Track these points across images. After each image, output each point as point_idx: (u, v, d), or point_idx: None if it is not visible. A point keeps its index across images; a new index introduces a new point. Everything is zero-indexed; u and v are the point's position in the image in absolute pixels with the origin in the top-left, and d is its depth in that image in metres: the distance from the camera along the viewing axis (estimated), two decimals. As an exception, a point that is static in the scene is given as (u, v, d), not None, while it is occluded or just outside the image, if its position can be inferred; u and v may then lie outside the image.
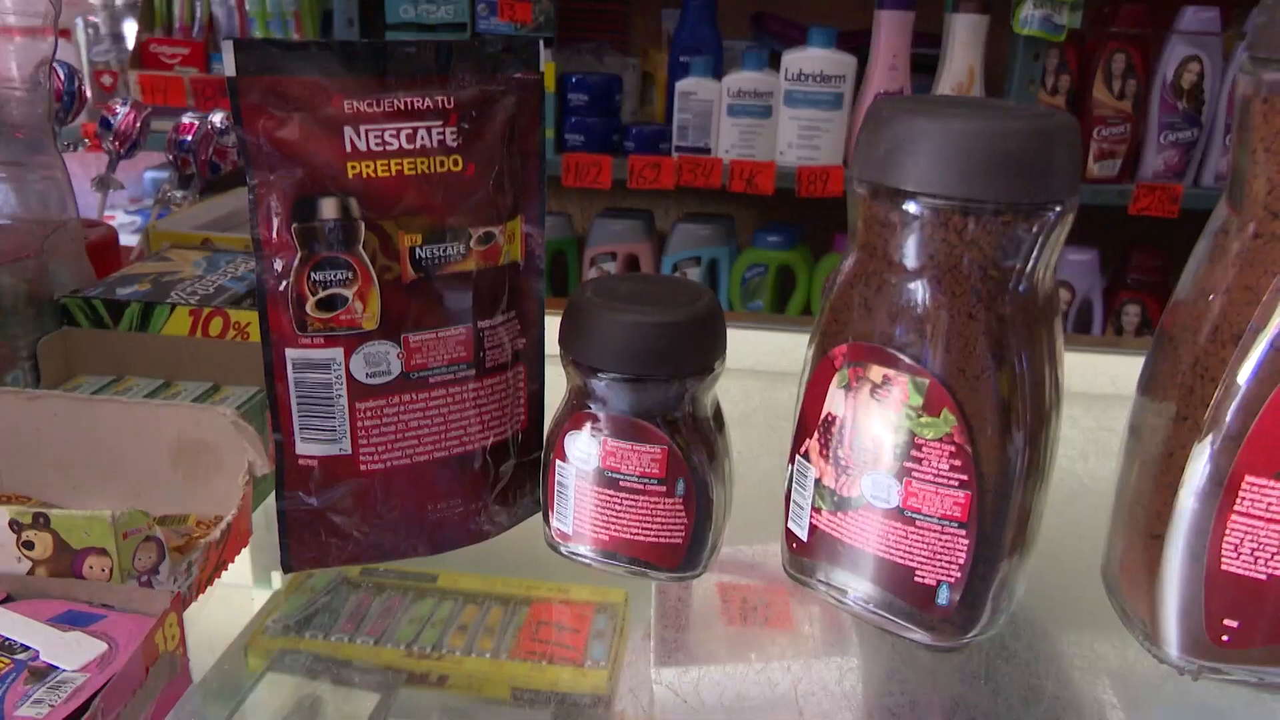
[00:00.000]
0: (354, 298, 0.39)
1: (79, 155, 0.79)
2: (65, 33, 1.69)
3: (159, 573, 0.37)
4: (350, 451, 0.40)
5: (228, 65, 0.36)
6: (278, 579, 0.44)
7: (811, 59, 1.52)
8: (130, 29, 1.65)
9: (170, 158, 0.74)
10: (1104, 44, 1.52)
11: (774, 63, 1.56)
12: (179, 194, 0.73)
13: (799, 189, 1.53)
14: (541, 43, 0.41)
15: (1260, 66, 0.34)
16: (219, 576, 0.42)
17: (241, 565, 0.44)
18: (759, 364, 0.73)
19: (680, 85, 1.55)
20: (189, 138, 0.73)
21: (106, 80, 1.64)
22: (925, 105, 0.35)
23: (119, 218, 1.67)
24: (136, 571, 0.37)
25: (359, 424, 0.40)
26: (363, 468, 0.41)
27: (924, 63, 1.56)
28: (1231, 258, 0.35)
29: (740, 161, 1.55)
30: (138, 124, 0.74)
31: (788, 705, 0.37)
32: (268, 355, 0.39)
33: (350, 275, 0.39)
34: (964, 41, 1.49)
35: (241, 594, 0.44)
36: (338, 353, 0.39)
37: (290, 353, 0.39)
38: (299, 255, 0.38)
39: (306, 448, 0.40)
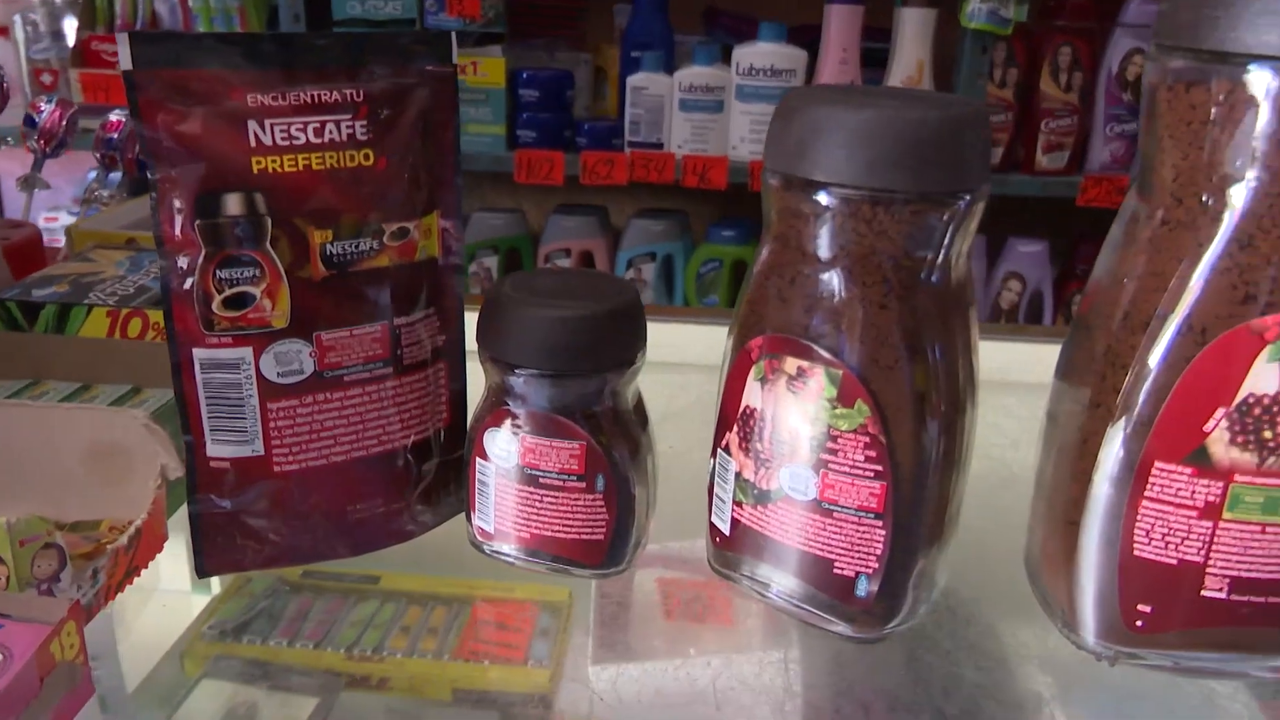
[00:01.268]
0: (262, 295, 0.38)
1: (18, 154, 0.77)
2: (3, 30, 1.65)
3: (60, 580, 0.36)
4: (263, 452, 0.40)
5: (123, 59, 0.35)
6: (217, 584, 0.43)
7: (762, 53, 1.52)
8: (71, 26, 1.62)
9: (97, 156, 0.72)
10: (1050, 37, 1.53)
11: (726, 57, 1.56)
12: (105, 193, 0.72)
13: (752, 184, 1.54)
14: (454, 35, 0.40)
15: (1164, 54, 0.34)
16: (130, 583, 0.41)
17: (179, 570, 0.43)
18: (701, 358, 0.73)
19: (632, 80, 1.55)
20: (116, 135, 0.71)
21: (46, 79, 1.61)
22: (834, 96, 0.35)
23: (61, 219, 1.64)
24: (36, 579, 0.36)
25: (271, 424, 0.39)
26: (277, 469, 0.40)
27: (875, 56, 1.57)
28: (1141, 245, 0.35)
29: (693, 156, 1.55)
30: (64, 122, 0.72)
31: (705, 700, 0.36)
32: (174, 355, 0.38)
33: (257, 272, 0.38)
34: (913, 35, 1.50)
35: (179, 600, 0.43)
36: (247, 352, 0.38)
37: (197, 352, 0.38)
38: (203, 253, 0.37)
39: (218, 449, 0.39)
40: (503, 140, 1.59)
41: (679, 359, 0.61)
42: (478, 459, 0.41)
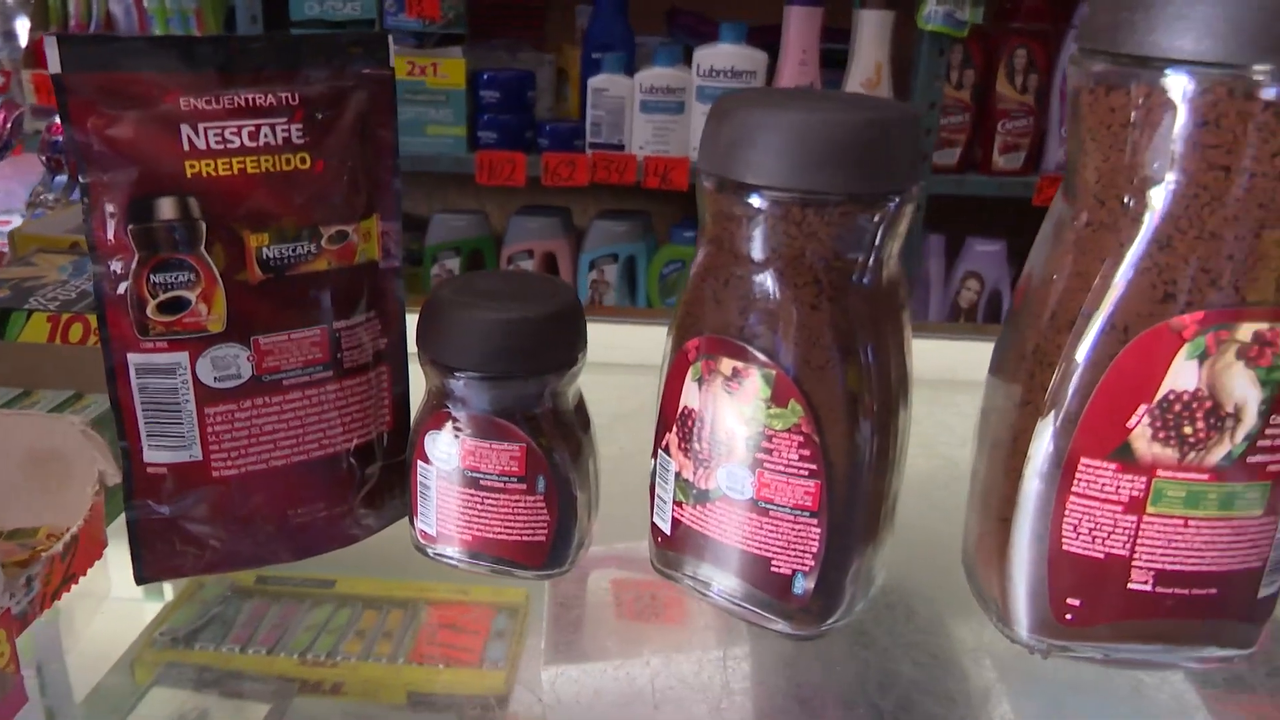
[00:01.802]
0: (197, 300, 0.38)
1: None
2: (-46, 31, 1.63)
3: (-8, 588, 0.36)
4: (201, 458, 0.39)
5: (51, 62, 0.35)
6: (169, 591, 0.43)
7: (723, 55, 1.53)
8: (23, 27, 1.59)
9: (43, 159, 0.71)
10: (1006, 40, 1.55)
11: (687, 59, 1.56)
12: (51, 196, 0.71)
13: (713, 184, 1.54)
14: (391, 38, 0.40)
15: (1087, 58, 0.34)
16: (68, 590, 0.40)
17: (130, 578, 0.42)
18: (652, 359, 0.73)
19: (593, 82, 1.55)
20: (61, 138, 0.70)
21: (-1, 80, 1.58)
22: (764, 99, 0.35)
23: (14, 221, 1.62)
24: (-33, 588, 0.35)
25: (209, 429, 0.39)
26: (216, 474, 0.40)
27: (834, 58, 1.58)
28: (1067, 245, 0.36)
29: (654, 158, 1.55)
30: (8, 124, 0.71)
31: (644, 700, 0.37)
32: (108, 360, 0.38)
33: (192, 277, 0.38)
34: (871, 37, 1.51)
35: (130, 607, 0.43)
36: (182, 356, 0.38)
37: (132, 357, 0.38)
38: (137, 257, 0.37)
39: (155, 455, 0.39)
40: (464, 141, 1.59)
41: (633, 360, 0.62)
42: (419, 462, 0.41)
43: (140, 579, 0.41)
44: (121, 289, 0.37)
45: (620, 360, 0.63)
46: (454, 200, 1.92)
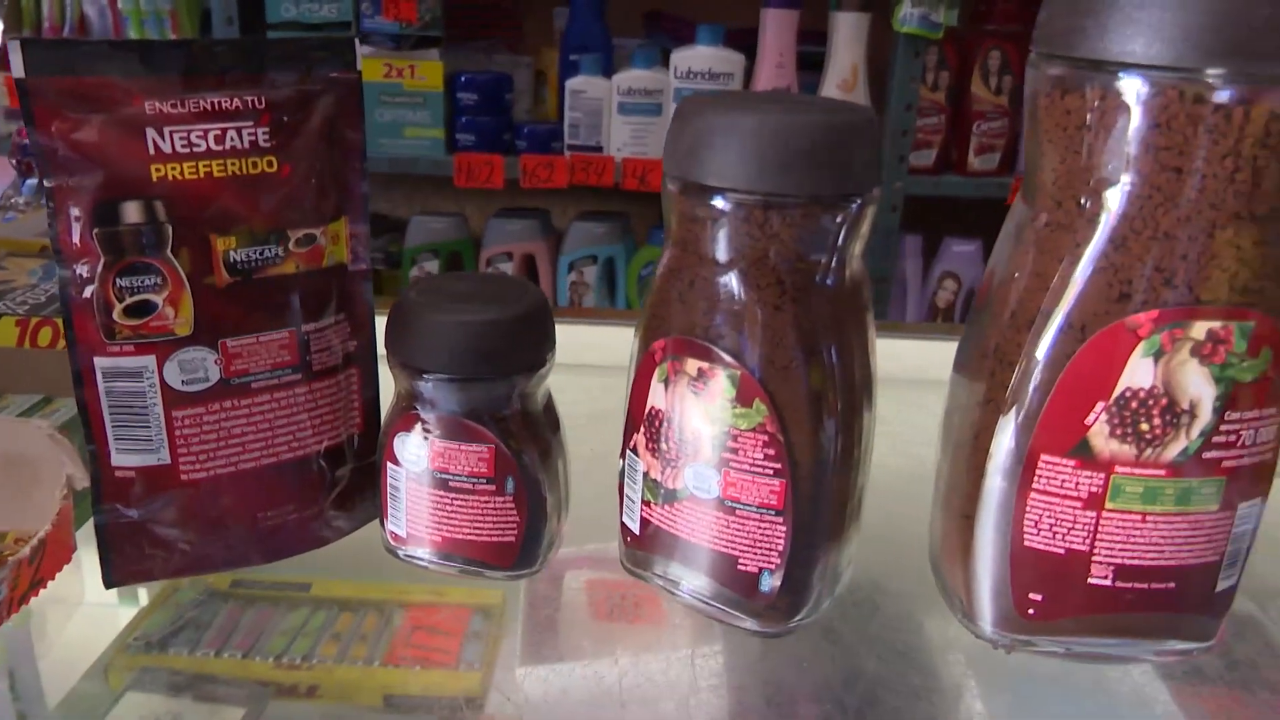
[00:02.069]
0: (164, 303, 0.38)
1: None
2: (-74, 33, 1.61)
3: (-43, 594, 0.36)
4: (170, 461, 0.40)
5: (15, 66, 0.35)
6: (144, 596, 0.43)
7: (700, 57, 1.53)
8: (-4, 29, 1.58)
9: (13, 162, 0.71)
10: (980, 41, 1.56)
11: (665, 60, 1.57)
12: (21, 199, 0.71)
13: (691, 186, 1.54)
14: (357, 41, 0.40)
15: (1044, 62, 0.35)
16: (36, 595, 0.40)
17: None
18: (627, 361, 0.73)
19: (570, 84, 1.55)
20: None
21: (-28, 83, 1.57)
22: (727, 102, 0.36)
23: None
24: (-68, 593, 0.35)
25: (177, 432, 0.39)
26: (185, 477, 0.40)
27: (811, 60, 1.59)
28: (1027, 245, 0.37)
29: (633, 159, 1.56)
30: (-22, 128, 0.71)
31: (612, 698, 0.37)
32: (75, 364, 0.38)
33: (159, 280, 0.38)
34: (847, 39, 1.52)
35: (105, 613, 0.43)
36: (149, 360, 0.38)
37: (99, 361, 0.38)
38: (103, 261, 0.37)
39: (123, 459, 0.39)
40: (442, 144, 1.59)
41: (609, 361, 0.62)
42: (388, 464, 0.41)
43: (109, 582, 0.41)
44: (87, 293, 0.37)
45: (597, 361, 0.63)
46: (432, 202, 1.92)
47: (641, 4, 1.78)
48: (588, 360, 0.63)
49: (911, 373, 0.67)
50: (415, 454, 0.40)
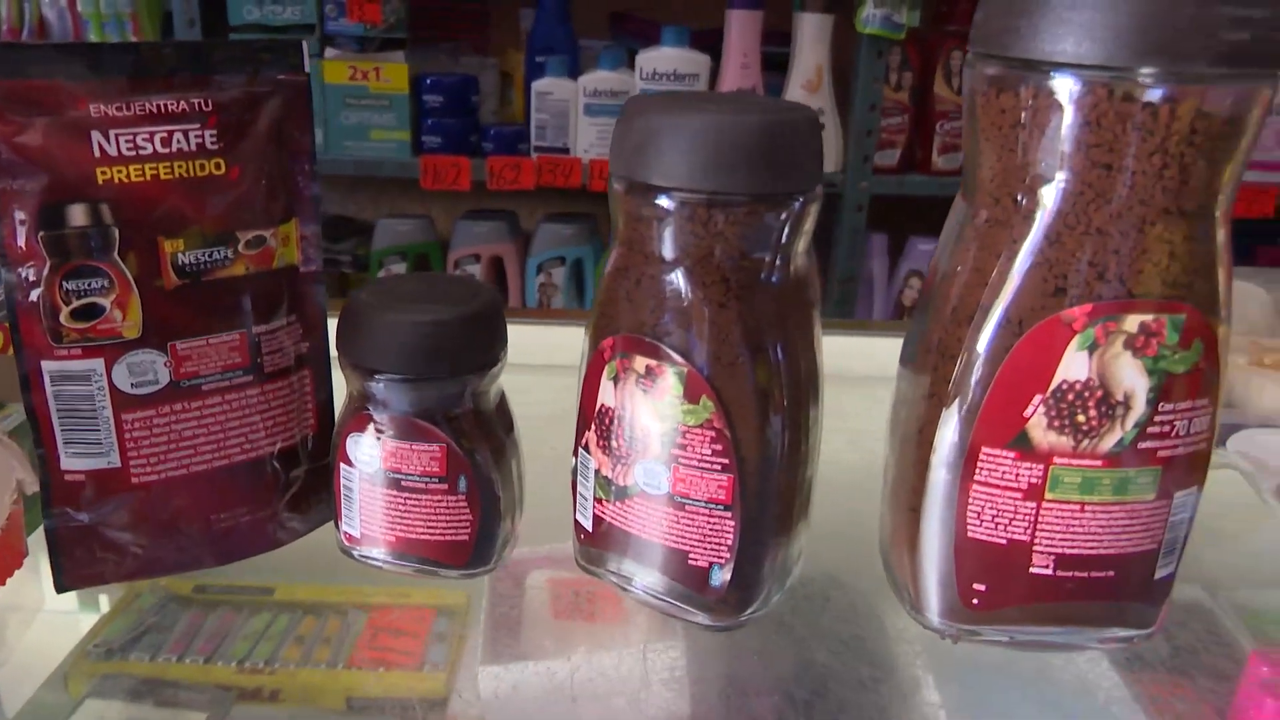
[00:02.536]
0: (112, 306, 0.38)
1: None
2: (-119, 36, 1.59)
3: (-97, 599, 0.36)
4: (120, 464, 0.39)
5: (-43, 69, 0.35)
6: (105, 602, 0.43)
7: (665, 58, 1.54)
8: (-46, 32, 1.56)
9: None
10: (942, 42, 1.58)
11: (632, 62, 1.57)
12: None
13: (658, 187, 1.55)
14: (306, 44, 0.41)
15: (980, 61, 0.36)
16: (-14, 600, 0.40)
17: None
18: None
19: (537, 85, 1.55)
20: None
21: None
22: (671, 103, 0.36)
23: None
24: (-124, 599, 0.35)
25: (127, 435, 0.39)
26: (135, 480, 0.40)
27: (776, 60, 1.60)
28: (967, 242, 0.37)
29: (600, 161, 1.56)
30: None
31: (563, 694, 0.37)
32: (22, 368, 0.38)
33: (106, 283, 0.38)
34: (811, 40, 1.53)
35: (65, 619, 0.43)
36: (98, 363, 0.38)
37: (46, 365, 0.38)
38: (49, 264, 0.37)
39: (72, 462, 0.39)
40: (408, 146, 1.59)
41: (571, 361, 0.62)
42: (342, 465, 0.41)
43: (60, 587, 0.41)
44: (34, 296, 0.37)
45: (563, 362, 0.64)
46: (399, 205, 1.91)
47: (607, 5, 1.78)
48: (555, 361, 0.64)
49: (877, 369, 0.68)
50: (368, 454, 0.40)
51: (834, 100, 1.57)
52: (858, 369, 0.63)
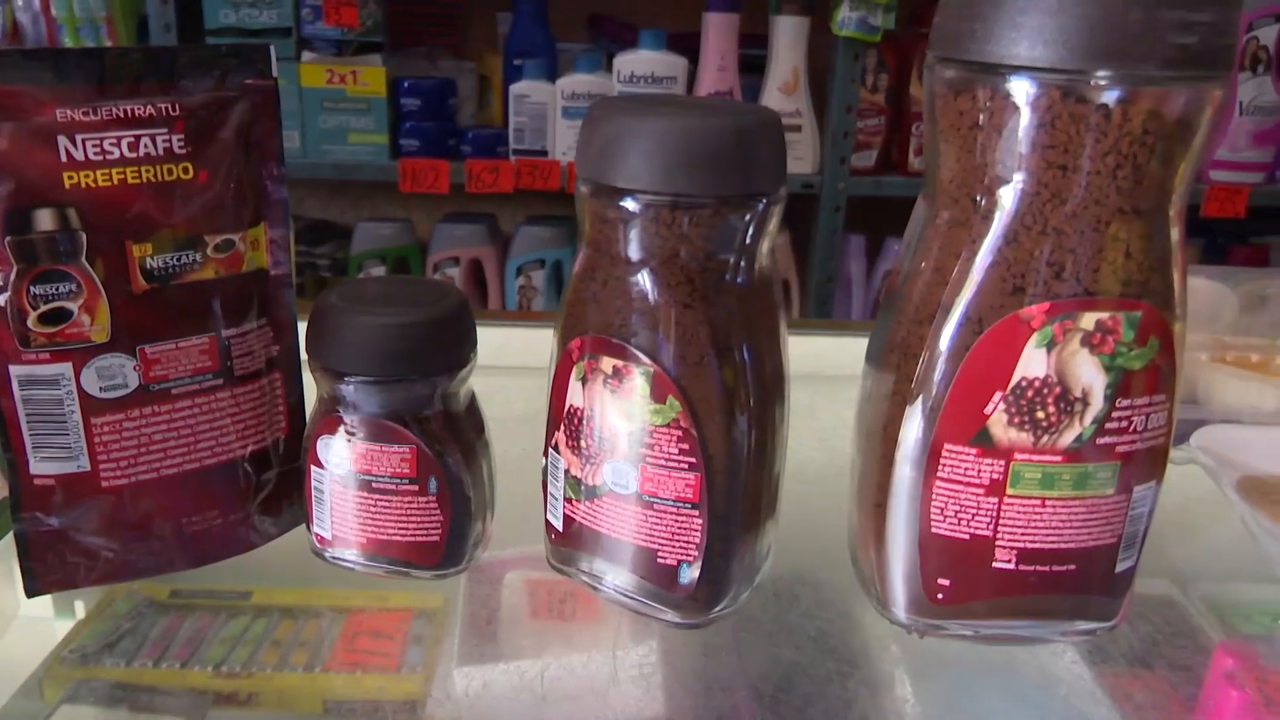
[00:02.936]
0: (80, 310, 0.38)
1: None
2: None
3: None
4: (90, 468, 0.40)
5: (-79, 75, 0.35)
6: (81, 608, 0.43)
7: (643, 60, 1.54)
8: (-74, 37, 1.55)
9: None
10: (917, 44, 1.59)
11: (609, 65, 1.58)
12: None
13: (636, 189, 1.55)
14: (273, 49, 0.41)
15: (939, 64, 0.36)
16: (-45, 606, 0.40)
17: (42, 597, 0.42)
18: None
19: (514, 88, 1.56)
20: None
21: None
22: (635, 106, 0.37)
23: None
24: None
25: (97, 439, 0.39)
26: (105, 484, 0.40)
27: (753, 63, 1.61)
28: (928, 242, 0.38)
29: (578, 163, 1.56)
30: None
31: (533, 691, 0.38)
32: (-11, 373, 0.38)
33: (74, 288, 0.38)
34: (787, 43, 1.54)
35: (42, 626, 0.43)
36: (66, 367, 0.38)
37: (14, 369, 0.38)
38: (15, 269, 0.37)
39: (41, 466, 0.39)
40: (385, 149, 1.59)
41: (540, 363, 0.63)
42: (312, 467, 0.42)
43: (31, 591, 0.41)
44: (1, 301, 0.37)
45: (531, 363, 0.64)
46: (379, 208, 1.91)
47: (584, 8, 1.79)
48: (526, 362, 0.64)
49: (850, 369, 0.68)
50: (338, 456, 0.41)
51: (811, 102, 1.58)
52: (831, 369, 0.63)
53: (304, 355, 0.42)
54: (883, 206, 1.64)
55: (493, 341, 0.53)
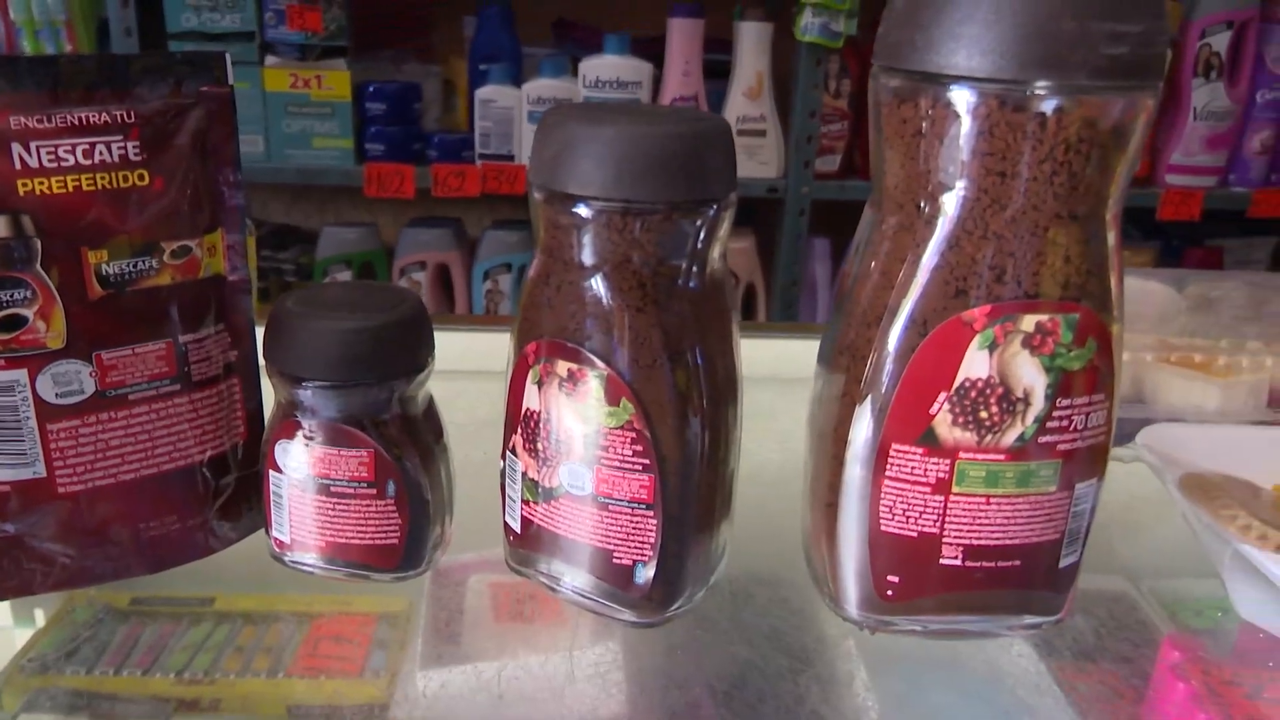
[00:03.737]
0: (35, 317, 0.38)
1: None
2: None
3: None
4: (45, 474, 0.40)
5: (-128, 82, 0.35)
6: (41, 616, 0.43)
7: (608, 65, 1.55)
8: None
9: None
10: (880, 49, 1.61)
11: (575, 69, 1.58)
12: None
13: (602, 193, 1.56)
14: (229, 56, 0.41)
15: (883, 74, 0.37)
16: (-91, 614, 0.40)
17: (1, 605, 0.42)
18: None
19: (480, 93, 1.56)
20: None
21: None
22: (587, 113, 0.37)
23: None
24: None
25: (53, 445, 0.39)
26: (62, 490, 0.40)
27: (718, 68, 1.62)
28: (875, 246, 0.39)
29: (544, 167, 1.56)
30: None
31: (490, 692, 0.38)
32: (-57, 380, 0.38)
33: (29, 294, 0.38)
34: (751, 48, 1.56)
35: (2, 635, 0.42)
36: (21, 374, 0.38)
37: (-32, 377, 0.38)
38: (-31, 276, 0.37)
39: (-4, 474, 0.39)
40: (351, 153, 1.58)
41: (499, 367, 0.63)
42: (271, 471, 0.42)
43: (-14, 599, 0.41)
44: (-45, 308, 0.37)
45: (490, 368, 0.64)
46: (344, 213, 1.90)
47: (550, 13, 1.79)
48: (485, 366, 0.64)
49: (807, 372, 0.69)
50: (297, 461, 0.41)
51: (775, 107, 1.60)
52: (791, 371, 0.64)
53: (262, 360, 0.43)
54: (846, 210, 1.65)
55: (455, 346, 0.53)
